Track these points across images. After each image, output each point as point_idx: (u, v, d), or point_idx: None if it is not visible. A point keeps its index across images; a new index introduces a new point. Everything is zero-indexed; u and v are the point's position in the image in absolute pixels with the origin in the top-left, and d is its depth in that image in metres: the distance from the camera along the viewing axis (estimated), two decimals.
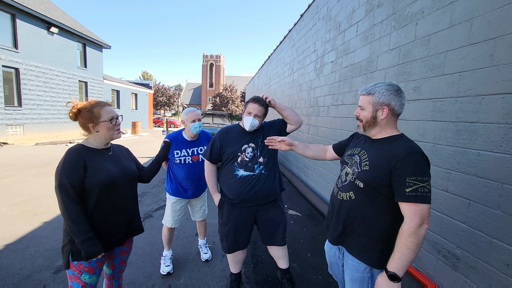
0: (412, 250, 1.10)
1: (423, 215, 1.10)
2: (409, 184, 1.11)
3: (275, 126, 2.13)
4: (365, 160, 1.30)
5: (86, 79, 15.65)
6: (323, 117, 4.46)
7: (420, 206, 1.10)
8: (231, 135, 2.06)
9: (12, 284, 2.20)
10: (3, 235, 3.03)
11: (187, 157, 2.38)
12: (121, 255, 1.65)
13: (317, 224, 3.72)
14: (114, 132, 1.50)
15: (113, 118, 1.48)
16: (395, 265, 1.13)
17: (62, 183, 1.31)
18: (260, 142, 2.02)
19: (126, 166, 1.58)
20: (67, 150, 1.41)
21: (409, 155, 1.15)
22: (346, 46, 3.66)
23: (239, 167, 1.98)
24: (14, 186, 4.93)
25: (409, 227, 1.10)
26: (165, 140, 2.33)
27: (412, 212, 1.11)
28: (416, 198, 1.10)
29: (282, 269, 2.22)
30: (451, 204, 1.90)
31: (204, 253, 2.71)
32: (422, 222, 1.10)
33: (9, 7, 10.71)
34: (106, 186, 1.41)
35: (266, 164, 2.00)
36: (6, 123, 10.94)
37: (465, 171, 1.79)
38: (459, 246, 1.82)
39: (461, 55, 1.85)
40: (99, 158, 1.45)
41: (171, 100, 49.38)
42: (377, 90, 1.28)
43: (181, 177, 2.41)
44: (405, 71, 2.43)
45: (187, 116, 2.33)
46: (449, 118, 1.94)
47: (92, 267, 1.42)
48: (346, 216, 1.34)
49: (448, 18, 1.96)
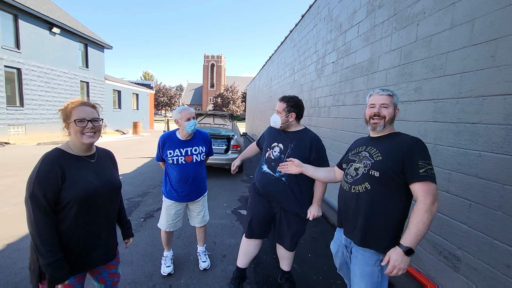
0: (427, 225, 1.21)
1: (434, 194, 1.24)
2: (422, 166, 1.26)
3: (307, 153, 1.95)
4: (376, 152, 1.41)
5: (88, 80, 15.69)
6: (324, 118, 4.46)
7: (432, 185, 1.25)
8: (272, 131, 2.16)
9: (14, 283, 2.21)
10: (5, 235, 3.04)
11: (180, 157, 2.29)
12: (107, 269, 1.47)
13: (317, 225, 3.72)
14: (81, 135, 1.27)
15: (82, 120, 1.26)
16: (411, 240, 1.21)
17: (34, 194, 1.15)
18: (289, 148, 1.97)
19: (109, 178, 1.39)
20: (43, 156, 1.22)
21: (417, 142, 1.33)
22: (347, 46, 3.66)
23: (265, 163, 2.08)
24: (16, 185, 4.95)
25: (425, 204, 1.22)
26: None
27: (425, 190, 1.24)
28: (428, 177, 1.25)
29: (283, 270, 2.24)
30: (452, 205, 1.90)
31: (203, 261, 2.56)
32: (434, 199, 1.23)
33: (11, 8, 10.76)
34: (86, 199, 1.25)
35: (289, 175, 1.94)
36: (8, 123, 10.98)
37: (466, 172, 1.79)
38: (460, 247, 1.82)
39: (462, 56, 1.85)
40: (79, 167, 1.28)
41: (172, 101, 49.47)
42: (395, 93, 1.50)
43: (174, 178, 2.32)
44: (406, 72, 2.42)
45: (181, 115, 2.22)
46: (450, 119, 1.94)
47: (71, 283, 1.27)
48: (366, 206, 1.39)
49: (449, 19, 1.96)
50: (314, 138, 2.01)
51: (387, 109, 1.44)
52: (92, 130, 1.30)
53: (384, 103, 1.45)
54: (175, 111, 2.32)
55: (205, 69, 59.80)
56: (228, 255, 2.82)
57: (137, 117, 21.69)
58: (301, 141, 1.97)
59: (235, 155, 6.07)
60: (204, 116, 7.68)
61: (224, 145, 6.30)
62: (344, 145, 3.67)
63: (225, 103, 45.96)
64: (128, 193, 4.77)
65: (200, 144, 2.38)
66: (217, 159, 5.98)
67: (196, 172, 2.37)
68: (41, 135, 12.40)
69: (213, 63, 59.64)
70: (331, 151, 4.13)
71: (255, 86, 14.86)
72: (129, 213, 3.88)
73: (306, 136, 2.01)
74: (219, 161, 6.02)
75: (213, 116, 7.76)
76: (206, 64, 59.74)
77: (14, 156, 7.57)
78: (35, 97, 12.21)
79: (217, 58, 59.73)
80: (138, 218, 3.71)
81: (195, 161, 2.35)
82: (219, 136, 6.38)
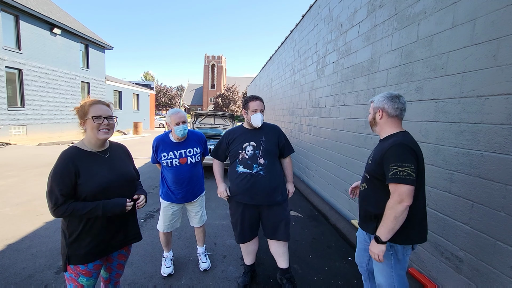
0: (390, 220, 1.38)
1: (401, 194, 1.35)
2: (391, 169, 1.38)
3: (277, 140, 2.20)
4: (370, 157, 1.64)
5: (89, 80, 15.72)
6: (325, 118, 4.44)
7: (398, 186, 1.35)
8: (235, 134, 2.22)
9: (14, 283, 2.20)
10: (6, 235, 3.04)
11: (174, 160, 2.27)
12: (119, 259, 1.61)
13: (318, 225, 3.71)
14: (97, 131, 1.39)
15: (99, 117, 1.38)
16: (378, 231, 1.44)
17: (52, 190, 1.29)
18: (262, 142, 2.13)
19: (122, 169, 1.50)
20: (60, 154, 1.36)
21: (392, 147, 1.42)
22: (348, 46, 3.65)
23: (240, 164, 2.14)
24: (17, 186, 4.96)
25: (389, 202, 1.39)
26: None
27: (392, 190, 1.39)
28: (395, 180, 1.36)
29: (282, 268, 2.23)
30: (454, 206, 1.89)
31: (203, 262, 2.55)
32: (401, 199, 1.35)
33: (12, 8, 10.79)
34: (100, 193, 1.37)
35: (267, 167, 2.10)
36: (9, 124, 11.00)
37: (469, 172, 1.78)
38: (462, 248, 1.81)
39: (464, 56, 1.83)
40: (93, 162, 1.39)
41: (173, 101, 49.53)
42: (374, 99, 1.65)
43: (170, 181, 2.32)
44: (407, 71, 2.41)
45: (171, 119, 2.21)
46: (452, 119, 1.92)
47: (90, 270, 1.40)
48: (361, 202, 1.66)
49: (450, 18, 1.95)
50: (276, 127, 2.28)
51: (370, 115, 1.68)
52: (107, 126, 1.41)
53: (369, 111, 1.69)
54: (167, 113, 2.30)
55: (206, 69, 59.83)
56: (228, 256, 2.81)
57: (137, 117, 21.72)
58: (268, 133, 2.18)
59: None
60: (204, 116, 7.68)
61: None
62: (345, 145, 3.66)
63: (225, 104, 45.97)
64: None
65: (195, 145, 2.37)
66: None
67: (192, 174, 2.36)
68: (42, 136, 12.42)
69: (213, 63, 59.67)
70: (332, 152, 4.12)
71: (256, 86, 14.86)
72: None
73: (270, 128, 2.24)
74: None
75: (213, 117, 7.75)
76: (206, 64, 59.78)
77: (16, 157, 7.58)
78: (36, 98, 12.24)
79: (218, 59, 59.77)
80: (139, 218, 3.70)
81: (190, 163, 2.34)
82: (220, 137, 6.38)
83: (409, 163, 1.36)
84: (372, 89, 3.01)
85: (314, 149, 4.97)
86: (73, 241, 1.35)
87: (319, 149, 4.71)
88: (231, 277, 2.43)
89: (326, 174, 4.37)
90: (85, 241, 1.37)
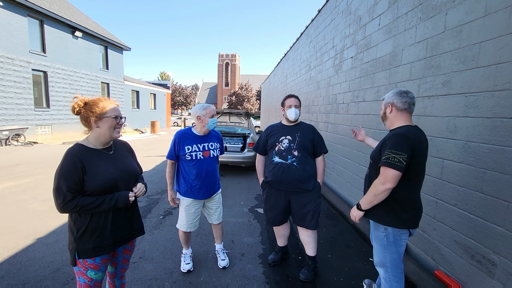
0: (371, 195, 1.60)
1: (386, 176, 1.51)
2: (385, 154, 1.53)
3: (312, 137, 2.37)
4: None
5: (108, 81, 16.26)
6: (343, 115, 4.34)
7: (387, 169, 1.50)
8: (274, 129, 2.47)
9: (43, 276, 2.31)
10: (35, 230, 3.20)
11: (198, 152, 2.31)
12: (124, 254, 1.64)
13: (336, 224, 3.63)
14: (114, 130, 1.45)
15: (117, 117, 1.45)
16: (361, 200, 1.69)
17: (59, 186, 1.30)
18: (297, 137, 2.34)
19: (127, 166, 1.54)
20: (66, 151, 1.38)
21: (392, 136, 1.59)
22: (367, 40, 3.53)
23: (276, 155, 2.36)
24: (44, 183, 5.21)
25: (375, 181, 1.58)
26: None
27: (381, 172, 1.55)
28: (385, 163, 1.51)
29: (309, 256, 2.43)
30: (486, 206, 1.77)
31: (222, 259, 2.56)
32: (385, 181, 1.51)
33: (38, 14, 11.32)
34: (106, 189, 1.40)
35: (300, 159, 2.30)
36: (36, 124, 11.60)
37: (503, 170, 1.66)
38: (496, 252, 1.70)
39: (498, 46, 1.71)
40: (98, 159, 1.42)
41: (188, 100, 50.29)
42: (385, 96, 1.79)
43: (192, 176, 2.31)
44: (433, 64, 2.29)
45: (206, 112, 2.29)
46: (484, 114, 1.80)
47: (97, 264, 1.44)
48: (365, 186, 1.80)
49: (483, 6, 1.82)
50: (311, 126, 2.47)
51: (381, 111, 1.82)
52: (120, 126, 1.50)
53: (381, 108, 1.82)
54: (197, 107, 2.35)
55: (220, 68, 60.23)
56: (246, 254, 2.81)
57: (154, 116, 22.24)
58: (304, 130, 2.39)
59: (251, 153, 6.05)
60: (220, 114, 7.72)
61: (240, 143, 6.30)
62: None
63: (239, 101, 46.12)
64: (147, 191, 4.89)
65: (214, 140, 2.45)
66: (233, 157, 6.00)
67: (213, 168, 2.41)
68: (65, 135, 13.00)
69: (227, 61, 59.94)
70: (350, 149, 4.02)
71: (270, 83, 14.77)
72: (149, 210, 3.97)
73: (306, 126, 2.45)
74: (235, 159, 6.03)
75: (229, 115, 7.78)
76: (220, 63, 60.15)
77: (42, 155, 7.99)
78: (60, 99, 12.81)
79: (232, 57, 59.96)
80: (157, 215, 3.79)
81: (212, 156, 2.39)
82: (235, 135, 6.39)
83: (402, 152, 1.49)
84: (394, 84, 2.89)
85: (331, 146, 4.87)
86: (81, 235, 1.38)
87: (336, 147, 4.60)
88: (250, 275, 2.43)
89: (344, 172, 4.27)
90: (93, 236, 1.40)
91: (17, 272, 2.36)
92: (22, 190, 4.69)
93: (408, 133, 1.56)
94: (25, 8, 10.75)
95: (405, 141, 1.51)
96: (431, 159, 2.30)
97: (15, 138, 10.00)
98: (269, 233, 3.31)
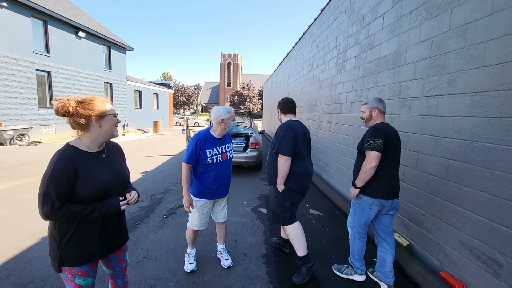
0: (362, 174, 2.11)
1: (370, 157, 2.04)
2: (366, 142, 2.08)
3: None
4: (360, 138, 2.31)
5: (111, 81, 16.32)
6: (346, 114, 4.32)
7: (370, 152, 2.04)
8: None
9: (48, 275, 2.33)
10: (39, 229, 3.22)
11: (218, 156, 2.29)
12: (116, 254, 1.55)
13: (340, 225, 3.62)
14: (115, 128, 1.39)
15: (115, 115, 1.39)
16: (356, 179, 2.19)
17: (48, 192, 1.18)
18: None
19: (120, 172, 1.45)
20: (57, 154, 1.24)
21: (369, 129, 2.15)
22: (371, 39, 3.51)
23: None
24: None
25: (364, 162, 2.10)
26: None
27: (366, 155, 2.09)
28: (367, 148, 2.06)
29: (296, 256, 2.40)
30: (491, 207, 1.76)
31: (225, 259, 2.56)
32: (370, 161, 2.03)
33: (41, 14, 11.39)
34: (98, 196, 1.31)
35: None
36: (40, 123, 11.68)
37: (510, 170, 1.64)
38: (502, 253, 1.68)
39: (504, 45, 1.69)
40: (91, 164, 1.31)
41: (190, 100, 50.39)
42: (368, 101, 2.27)
43: (211, 178, 2.29)
44: (438, 63, 2.27)
45: (230, 115, 2.30)
46: (490, 114, 1.79)
47: (85, 270, 1.36)
48: (354, 171, 2.31)
49: (489, 5, 1.81)
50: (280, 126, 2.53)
51: (364, 113, 2.29)
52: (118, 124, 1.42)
53: (362, 110, 2.31)
54: (221, 110, 2.29)
55: (222, 67, 60.24)
56: (249, 254, 2.81)
57: (157, 116, 22.30)
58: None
59: (254, 153, 6.05)
60: None
61: (242, 143, 6.30)
62: None
63: (241, 101, 46.12)
64: (150, 191, 4.91)
65: (229, 141, 2.46)
66: (236, 157, 5.99)
67: (229, 169, 2.44)
68: (69, 134, 12.97)
69: (229, 61, 59.92)
70: (354, 149, 4.00)
71: (272, 83, 14.75)
72: (152, 210, 3.98)
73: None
74: (238, 159, 6.03)
75: None
76: (222, 62, 60.16)
77: (46, 155, 8.04)
78: None
79: (234, 57, 59.94)
80: (161, 215, 3.80)
81: (229, 158, 2.41)
82: (238, 134, 6.38)
83: (378, 138, 2.02)
84: (398, 83, 2.87)
85: (334, 146, 4.86)
86: (66, 243, 1.29)
87: (339, 147, 4.59)
88: (253, 275, 2.43)
89: (348, 172, 4.25)
90: (79, 243, 1.31)
91: (22, 271, 2.38)
92: (26, 190, 4.73)
93: (380, 126, 2.12)
94: (29, 8, 10.82)
95: (379, 131, 2.06)
96: (436, 159, 2.28)
97: (19, 138, 10.08)
98: (272, 233, 3.31)
